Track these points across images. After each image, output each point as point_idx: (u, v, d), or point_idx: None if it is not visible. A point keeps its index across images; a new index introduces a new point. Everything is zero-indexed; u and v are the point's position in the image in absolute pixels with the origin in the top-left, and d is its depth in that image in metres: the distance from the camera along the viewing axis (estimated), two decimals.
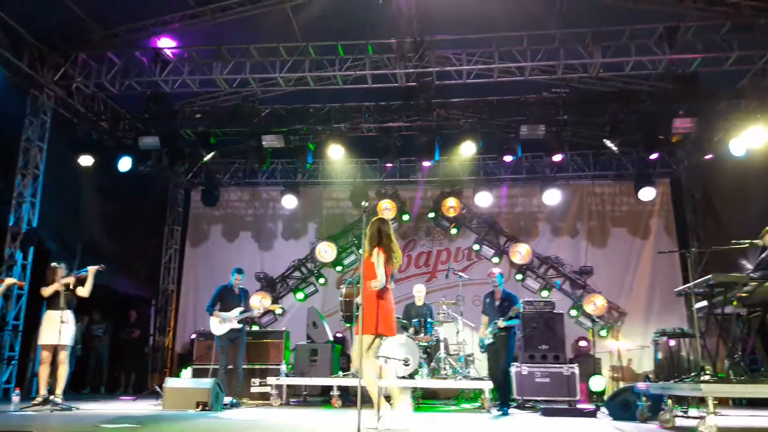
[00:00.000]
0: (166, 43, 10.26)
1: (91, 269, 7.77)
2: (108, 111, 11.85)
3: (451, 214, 12.98)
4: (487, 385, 8.39)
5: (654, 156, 11.87)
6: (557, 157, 11.66)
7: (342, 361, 10.42)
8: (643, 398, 6.45)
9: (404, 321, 9.60)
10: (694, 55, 9.37)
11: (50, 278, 7.71)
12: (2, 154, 10.02)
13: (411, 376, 8.86)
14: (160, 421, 5.98)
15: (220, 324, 8.93)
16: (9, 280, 7.98)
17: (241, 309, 8.95)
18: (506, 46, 9.75)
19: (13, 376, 9.65)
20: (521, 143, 11.16)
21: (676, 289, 7.32)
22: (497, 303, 7.95)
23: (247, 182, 14.29)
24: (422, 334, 9.20)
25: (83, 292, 7.72)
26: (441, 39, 9.91)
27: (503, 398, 7.78)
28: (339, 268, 13.65)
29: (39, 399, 7.31)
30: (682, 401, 5.94)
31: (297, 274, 13.75)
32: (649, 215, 13.22)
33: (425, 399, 9.71)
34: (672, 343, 9.39)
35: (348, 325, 8.44)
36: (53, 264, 7.83)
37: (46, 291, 7.63)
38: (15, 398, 7.31)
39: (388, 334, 5.60)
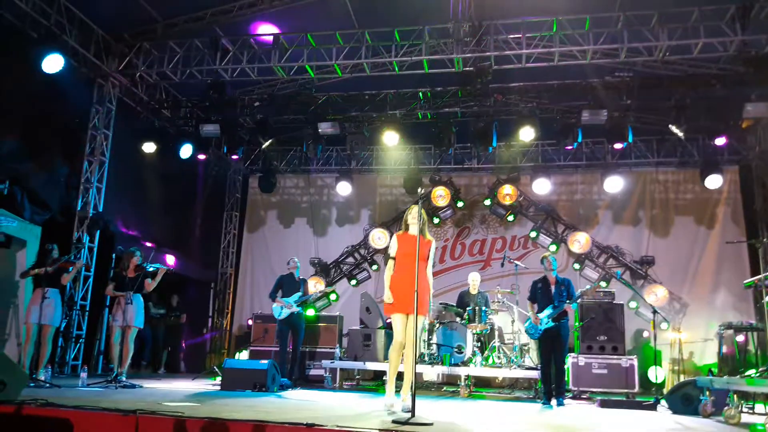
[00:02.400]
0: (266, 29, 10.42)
1: (162, 269, 8.03)
2: (170, 99, 12.20)
3: (507, 201, 12.76)
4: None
5: (721, 142, 11.37)
6: (619, 145, 11.33)
7: None
8: (707, 392, 6.22)
9: (458, 309, 9.55)
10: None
11: (126, 263, 8.00)
12: (70, 142, 10.43)
13: (464, 364, 8.83)
14: (218, 399, 6.14)
15: (281, 309, 9.15)
16: (79, 264, 8.31)
17: (299, 294, 9.14)
18: (567, 29, 9.48)
19: (80, 354, 10.12)
20: (582, 129, 10.88)
21: (745, 281, 7.02)
22: (553, 287, 7.67)
23: (302, 169, 14.46)
24: (476, 323, 9.13)
25: (148, 285, 7.98)
26: (500, 23, 9.72)
27: (559, 388, 7.60)
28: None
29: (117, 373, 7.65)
30: (748, 397, 5.70)
31: (350, 260, 13.85)
32: (716, 204, 12.68)
33: (478, 387, 9.65)
34: (740, 338, 9.02)
35: None
36: (130, 249, 8.14)
37: (113, 293, 7.97)
38: (83, 374, 7.64)
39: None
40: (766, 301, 5.77)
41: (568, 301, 7.53)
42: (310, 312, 10.94)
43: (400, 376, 5.70)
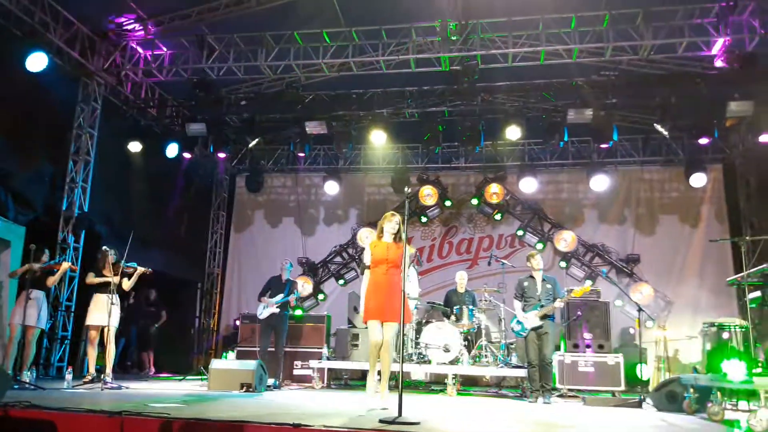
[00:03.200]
0: None
1: (140, 269, 7.96)
2: (155, 98, 12.13)
3: (494, 200, 12.81)
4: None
5: (705, 141, 11.47)
6: (604, 144, 11.41)
7: None
8: (691, 390, 6.29)
9: (445, 308, 9.57)
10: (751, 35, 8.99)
11: (101, 263, 7.94)
12: (55, 141, 10.33)
13: (452, 363, 8.85)
14: (205, 400, 6.12)
15: (263, 309, 9.17)
16: (65, 265, 8.23)
17: (281, 296, 9.11)
18: (553, 28, 9.53)
19: (66, 355, 10.04)
20: (568, 127, 10.94)
21: (728, 278, 7.09)
22: (539, 286, 7.70)
23: (290, 168, 14.43)
24: (464, 321, 9.15)
25: (125, 285, 7.93)
26: (486, 22, 9.75)
27: (546, 386, 7.63)
28: None
29: (89, 377, 7.59)
30: (732, 394, 5.76)
31: (338, 259, 13.85)
32: (700, 202, 12.80)
33: (465, 386, 9.68)
34: (726, 335, 9.09)
35: None
36: (104, 248, 8.05)
37: (94, 280, 7.85)
38: (68, 376, 7.58)
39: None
40: (749, 298, 5.83)
41: (554, 302, 7.57)
42: (299, 312, 10.93)
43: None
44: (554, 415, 6.05)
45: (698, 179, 11.81)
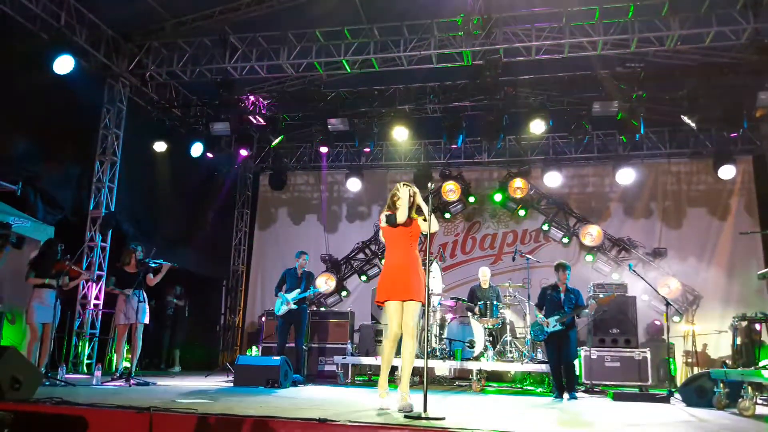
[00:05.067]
0: None
1: (165, 266, 8.04)
2: (179, 98, 12.25)
3: (518, 195, 12.69)
4: None
5: (735, 133, 11.25)
6: (631, 136, 11.26)
7: None
8: (721, 385, 6.18)
9: (469, 303, 9.54)
10: None
11: (127, 260, 8.06)
12: (82, 142, 10.50)
13: (476, 359, 8.82)
14: (232, 396, 6.18)
15: (281, 305, 9.09)
16: (85, 275, 8.30)
17: (298, 291, 9.04)
18: (577, 21, 9.41)
19: (95, 352, 10.22)
20: (593, 121, 10.81)
21: (759, 272, 6.95)
22: (563, 296, 7.66)
23: (312, 166, 14.47)
24: (488, 317, 9.11)
25: (151, 281, 8.03)
26: (509, 15, 9.66)
27: (570, 383, 7.57)
28: None
29: (117, 374, 7.71)
30: (762, 389, 5.66)
31: (361, 255, 13.87)
32: (729, 194, 12.56)
33: (490, 381, 9.64)
34: (758, 327, 8.95)
35: None
36: (131, 246, 8.17)
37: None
38: (97, 373, 7.70)
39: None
40: None
41: (575, 313, 7.51)
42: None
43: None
44: (580, 411, 5.99)
45: (727, 171, 11.57)
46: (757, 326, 9.10)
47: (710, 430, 4.68)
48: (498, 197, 12.94)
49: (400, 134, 11.39)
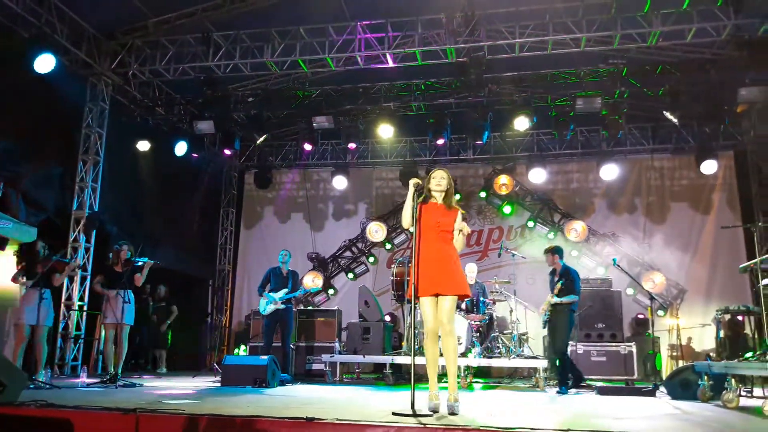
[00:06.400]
0: None
1: (148, 263, 7.99)
2: (163, 97, 12.15)
3: (503, 191, 12.77)
4: (541, 364, 8.30)
5: (716, 128, 11.38)
6: (614, 132, 11.35)
7: (393, 339, 10.49)
8: (705, 377, 6.26)
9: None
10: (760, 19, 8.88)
11: (115, 259, 7.99)
12: (64, 142, 10.38)
13: (463, 355, 8.84)
14: (219, 396, 6.15)
15: (266, 304, 9.02)
16: (73, 265, 8.25)
17: (285, 290, 8.97)
18: (560, 18, 9.45)
19: (80, 354, 10.12)
20: (577, 117, 10.88)
21: (741, 265, 7.05)
22: (556, 279, 7.71)
23: (298, 164, 14.43)
24: (474, 313, 9.14)
25: (138, 280, 7.97)
26: (492, 12, 9.69)
27: (561, 378, 7.62)
28: (389, 247, 13.71)
29: (105, 376, 7.64)
30: (746, 381, 5.73)
31: (348, 253, 13.88)
32: (711, 189, 12.72)
33: (477, 377, 9.68)
34: (740, 318, 9.06)
35: (399, 303, 8.45)
36: (120, 243, 8.09)
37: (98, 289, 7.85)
38: (82, 375, 7.64)
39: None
40: (762, 284, 5.79)
41: (558, 297, 7.55)
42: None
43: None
44: (566, 405, 6.04)
45: (709, 166, 11.71)
46: (740, 318, 9.22)
47: (694, 422, 4.73)
48: (483, 194, 13.01)
49: (386, 132, 11.41)
